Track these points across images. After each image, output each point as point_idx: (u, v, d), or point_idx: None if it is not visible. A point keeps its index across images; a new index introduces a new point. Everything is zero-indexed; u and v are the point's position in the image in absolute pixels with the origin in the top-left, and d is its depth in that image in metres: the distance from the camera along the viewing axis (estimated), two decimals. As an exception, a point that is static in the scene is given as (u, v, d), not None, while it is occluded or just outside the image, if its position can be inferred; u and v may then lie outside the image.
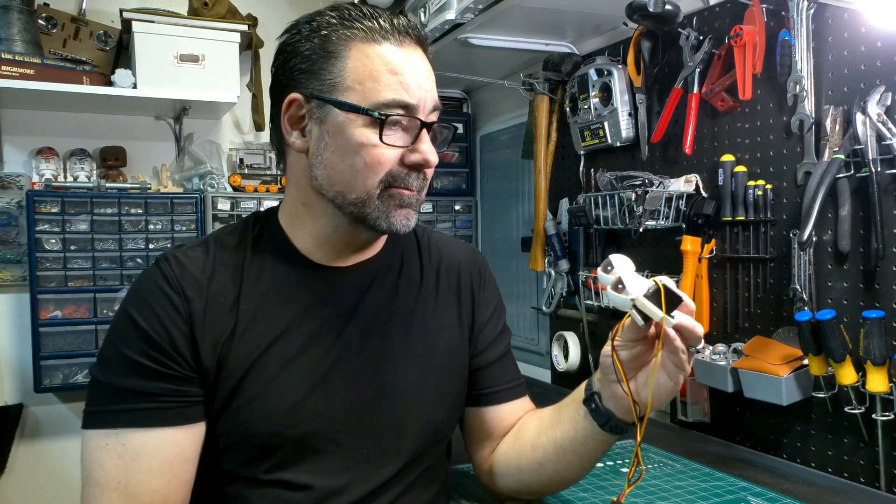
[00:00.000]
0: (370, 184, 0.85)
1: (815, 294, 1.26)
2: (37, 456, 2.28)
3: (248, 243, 0.93)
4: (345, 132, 0.84)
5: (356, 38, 0.84)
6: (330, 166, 0.86)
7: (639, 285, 0.79)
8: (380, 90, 0.83)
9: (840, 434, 1.23)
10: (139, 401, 0.82)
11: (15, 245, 2.20)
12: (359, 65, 0.84)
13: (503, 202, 2.44)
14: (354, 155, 0.84)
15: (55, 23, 2.17)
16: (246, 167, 2.42)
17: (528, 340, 2.24)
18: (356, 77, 0.84)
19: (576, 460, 0.94)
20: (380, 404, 0.91)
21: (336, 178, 0.86)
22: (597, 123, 1.74)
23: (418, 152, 0.85)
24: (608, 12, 1.65)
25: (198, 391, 0.85)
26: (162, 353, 0.83)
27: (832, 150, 1.20)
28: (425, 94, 0.86)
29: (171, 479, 0.83)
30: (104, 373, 0.84)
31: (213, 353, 0.85)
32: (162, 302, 0.84)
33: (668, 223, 1.51)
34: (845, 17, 1.21)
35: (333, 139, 0.85)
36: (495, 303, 1.07)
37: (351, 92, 0.84)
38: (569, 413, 0.94)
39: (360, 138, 0.83)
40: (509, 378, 1.04)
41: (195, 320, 0.84)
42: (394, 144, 0.84)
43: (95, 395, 0.84)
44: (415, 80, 0.85)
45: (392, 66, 0.84)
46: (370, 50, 0.84)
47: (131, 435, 0.81)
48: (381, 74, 0.83)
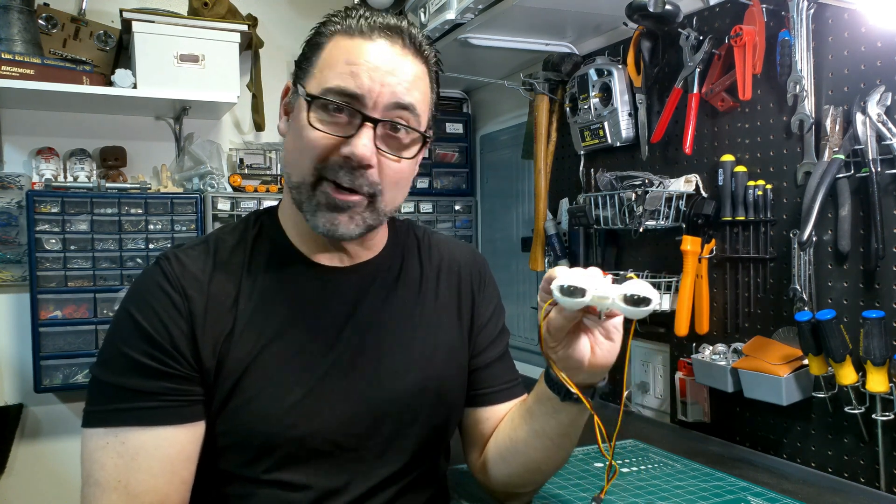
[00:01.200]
0: (304, 167, 0.85)
1: (815, 294, 1.26)
2: (37, 456, 2.28)
3: (249, 242, 0.93)
4: (298, 115, 0.87)
5: (339, 32, 0.87)
6: (286, 149, 0.91)
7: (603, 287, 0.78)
8: (331, 78, 0.84)
9: (840, 434, 1.23)
10: (140, 400, 0.82)
11: (15, 245, 2.20)
12: (326, 54, 0.86)
13: (503, 202, 2.44)
14: (298, 137, 0.86)
15: (55, 23, 2.17)
16: (246, 167, 2.42)
17: (528, 340, 2.25)
18: (321, 65, 0.86)
19: (556, 440, 0.92)
20: (379, 405, 0.91)
21: (287, 159, 0.90)
22: (597, 123, 1.74)
23: (348, 144, 0.83)
24: (608, 12, 1.65)
25: (198, 390, 0.85)
26: (162, 352, 0.83)
27: (832, 150, 1.20)
28: (380, 88, 0.83)
29: (171, 478, 0.82)
30: (104, 372, 0.84)
31: (212, 353, 0.85)
32: (163, 301, 0.84)
33: (668, 223, 1.51)
34: (845, 17, 1.21)
35: (293, 123, 0.89)
36: (495, 304, 1.07)
37: (312, 79, 0.86)
38: (534, 400, 0.93)
39: (301, 120, 0.85)
40: (507, 378, 1.04)
41: (196, 319, 0.84)
42: (320, 129, 0.83)
43: (96, 395, 0.84)
44: (369, 71, 0.83)
45: (351, 55, 0.84)
46: (343, 42, 0.86)
47: (132, 434, 0.81)
48: (337, 63, 0.84)
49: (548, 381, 0.89)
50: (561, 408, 0.88)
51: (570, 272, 0.78)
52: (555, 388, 0.88)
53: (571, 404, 0.87)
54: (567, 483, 1.16)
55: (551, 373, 0.87)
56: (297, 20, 2.58)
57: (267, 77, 2.49)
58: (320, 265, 0.93)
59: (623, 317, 0.82)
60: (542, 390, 0.90)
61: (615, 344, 0.84)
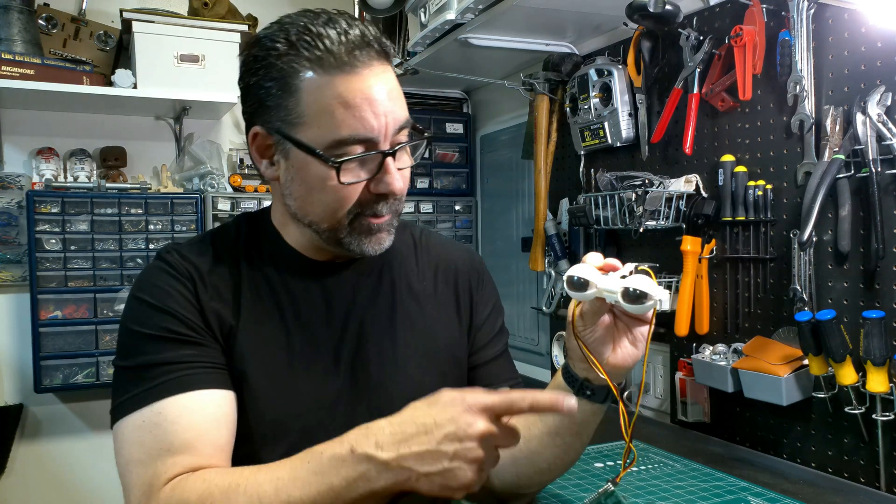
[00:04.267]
0: (339, 216, 0.85)
1: (815, 294, 1.26)
2: (37, 456, 2.28)
3: (244, 241, 0.93)
4: (307, 169, 0.84)
5: (307, 68, 0.80)
6: (300, 198, 0.87)
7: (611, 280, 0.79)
8: (335, 127, 0.80)
9: (840, 434, 1.23)
10: (165, 373, 0.81)
11: (15, 245, 2.20)
12: (311, 99, 0.81)
13: (503, 202, 2.44)
14: (320, 191, 0.84)
15: (55, 23, 2.18)
16: (246, 167, 2.42)
17: (528, 340, 2.24)
18: (311, 112, 0.81)
19: (569, 440, 0.92)
20: (378, 402, 0.91)
21: (307, 209, 0.87)
22: (597, 123, 1.74)
23: (383, 183, 0.84)
24: (608, 12, 1.65)
25: (222, 359, 0.85)
26: (180, 321, 0.83)
27: (832, 150, 1.20)
28: (385, 120, 0.82)
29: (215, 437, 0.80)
30: (125, 358, 0.84)
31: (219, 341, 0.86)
32: (171, 283, 0.86)
33: (668, 223, 1.51)
34: (845, 17, 1.21)
35: (299, 174, 0.85)
36: (493, 303, 1.07)
37: (308, 129, 0.81)
38: None
39: (323, 176, 0.83)
40: (507, 377, 1.04)
41: (203, 305, 0.86)
42: (354, 182, 0.83)
43: (121, 384, 0.83)
44: (371, 108, 0.81)
45: (345, 98, 0.80)
46: (322, 82, 0.80)
47: (166, 403, 0.80)
48: (334, 109, 0.80)
49: (566, 376, 0.89)
50: (586, 405, 0.89)
51: (583, 265, 0.80)
52: (570, 382, 0.88)
53: (586, 403, 0.88)
54: (567, 483, 1.16)
55: (570, 369, 0.88)
56: (297, 20, 2.57)
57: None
58: (317, 263, 0.94)
59: (649, 328, 0.84)
60: (558, 385, 0.91)
61: (637, 352, 0.85)
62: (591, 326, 0.84)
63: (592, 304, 0.82)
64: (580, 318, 0.84)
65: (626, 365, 0.84)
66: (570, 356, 0.89)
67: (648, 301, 0.76)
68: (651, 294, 0.75)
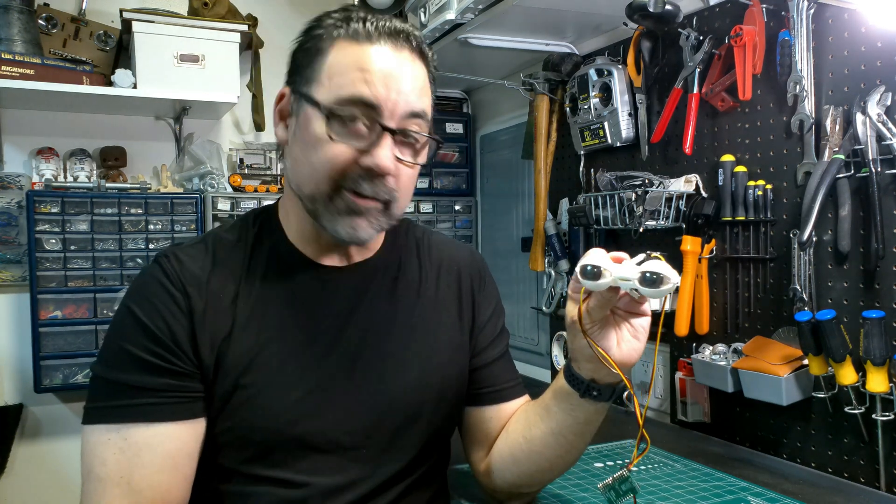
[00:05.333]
0: (321, 180, 0.84)
1: (815, 294, 1.26)
2: (37, 456, 2.28)
3: (248, 242, 0.93)
4: (308, 126, 0.84)
5: (342, 37, 0.84)
6: (295, 159, 0.88)
7: (625, 268, 0.80)
8: (344, 85, 0.82)
9: (840, 434, 1.23)
10: (141, 396, 0.82)
11: (15, 245, 2.20)
12: (335, 61, 0.83)
13: (503, 202, 2.44)
14: (311, 149, 0.84)
15: (55, 23, 2.18)
16: (246, 167, 2.42)
17: (528, 340, 2.25)
18: (330, 72, 0.83)
19: (571, 439, 0.93)
20: (379, 404, 0.91)
21: (297, 170, 0.87)
22: (597, 123, 1.74)
23: (370, 156, 0.83)
24: (608, 12, 1.65)
25: (199, 387, 0.85)
26: (164, 348, 0.83)
27: (832, 150, 1.20)
28: (395, 97, 0.82)
29: (173, 474, 0.83)
30: (106, 369, 0.84)
31: (211, 351, 0.85)
32: (163, 298, 0.85)
33: (668, 223, 1.51)
34: (845, 17, 1.21)
35: (301, 132, 0.86)
36: (495, 303, 1.07)
37: (320, 87, 0.84)
38: (552, 397, 0.93)
39: (317, 132, 0.83)
40: (508, 378, 1.04)
41: (195, 317, 0.85)
42: (340, 141, 0.82)
43: (97, 391, 0.84)
44: (383, 79, 0.82)
45: (362, 63, 0.82)
46: (350, 48, 0.83)
47: (134, 430, 0.81)
48: (350, 71, 0.82)
49: (568, 376, 0.89)
50: (579, 405, 0.89)
51: (594, 255, 0.81)
52: (575, 384, 0.88)
53: (590, 401, 0.88)
54: (567, 483, 1.16)
55: (573, 368, 0.88)
56: (297, 20, 2.54)
57: (267, 77, 2.49)
58: (320, 265, 0.93)
59: (649, 319, 0.85)
60: (560, 387, 0.91)
61: (640, 343, 0.85)
62: (598, 321, 0.84)
63: (600, 298, 0.82)
64: (586, 314, 0.84)
65: (631, 358, 0.85)
66: (574, 357, 0.89)
67: (665, 284, 0.76)
68: (668, 276, 0.76)
